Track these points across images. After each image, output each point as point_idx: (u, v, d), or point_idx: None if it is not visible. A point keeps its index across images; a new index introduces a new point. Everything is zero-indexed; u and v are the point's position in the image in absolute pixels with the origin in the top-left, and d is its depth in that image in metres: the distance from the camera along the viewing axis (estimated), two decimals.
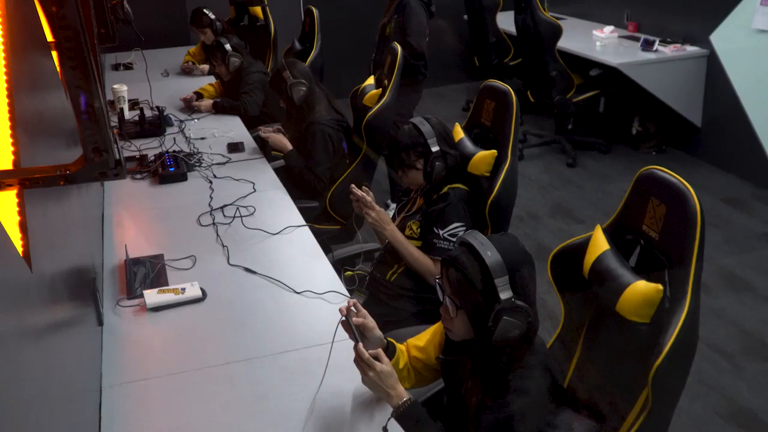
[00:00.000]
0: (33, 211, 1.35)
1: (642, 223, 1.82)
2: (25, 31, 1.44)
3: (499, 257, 1.66)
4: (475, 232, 1.75)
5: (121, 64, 5.53)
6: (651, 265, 1.78)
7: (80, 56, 0.97)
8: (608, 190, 5.16)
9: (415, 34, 4.39)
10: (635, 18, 6.04)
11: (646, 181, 1.83)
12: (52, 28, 0.90)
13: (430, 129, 2.61)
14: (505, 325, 1.65)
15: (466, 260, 1.70)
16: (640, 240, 1.84)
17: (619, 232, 1.92)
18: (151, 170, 3.38)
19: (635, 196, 1.87)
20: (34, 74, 1.52)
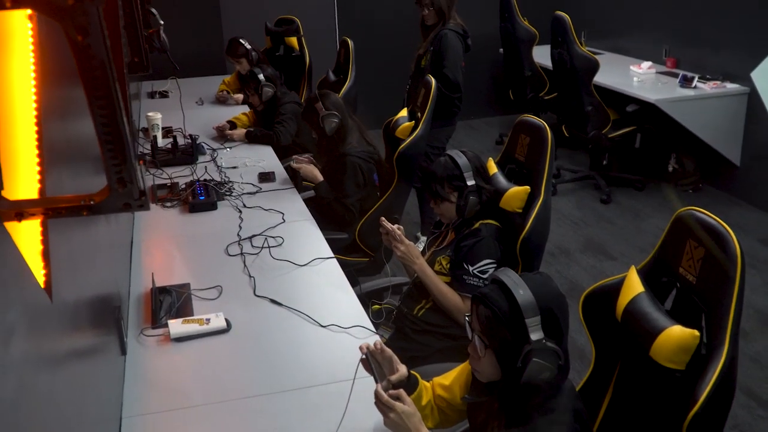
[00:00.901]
0: (57, 240, 1.34)
1: (679, 266, 1.76)
2: (56, 59, 1.44)
3: (531, 296, 1.61)
4: (507, 270, 1.70)
5: (157, 92, 5.59)
6: (687, 309, 1.72)
7: (105, 87, 0.95)
8: (643, 228, 5.07)
9: (452, 66, 4.38)
10: (674, 54, 5.98)
11: (683, 223, 1.77)
12: (77, 58, 0.88)
13: (466, 162, 2.58)
14: (534, 367, 1.60)
15: (497, 298, 1.65)
16: (676, 283, 1.78)
17: (655, 274, 1.86)
18: (182, 198, 3.38)
19: (672, 237, 1.81)
20: (63, 102, 1.51)
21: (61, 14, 0.82)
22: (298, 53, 5.73)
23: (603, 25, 6.92)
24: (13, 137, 1.26)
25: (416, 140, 3.45)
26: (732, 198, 5.39)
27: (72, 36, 0.85)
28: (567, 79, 5.57)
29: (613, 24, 6.80)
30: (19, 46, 1.31)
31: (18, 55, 1.31)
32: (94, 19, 0.84)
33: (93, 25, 0.85)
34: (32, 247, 1.23)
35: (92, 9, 0.83)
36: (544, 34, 6.09)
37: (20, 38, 1.32)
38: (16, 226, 1.13)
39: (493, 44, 6.90)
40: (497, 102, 7.69)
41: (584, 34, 6.86)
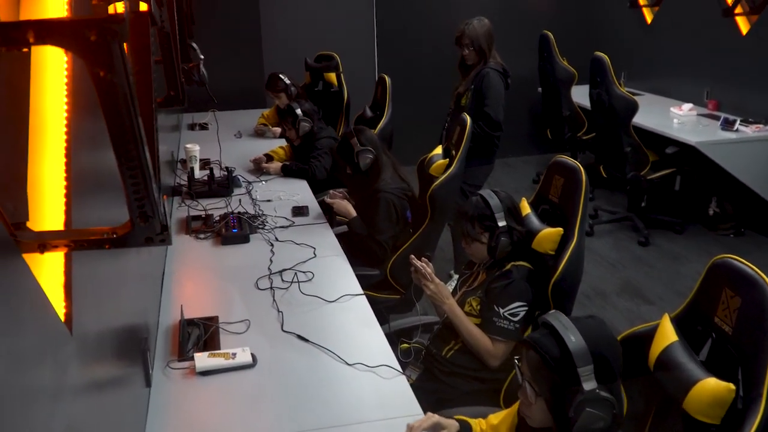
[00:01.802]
0: (82, 271, 1.34)
1: (714, 315, 1.70)
2: (89, 91, 1.45)
3: (583, 343, 1.56)
4: (558, 314, 1.66)
5: (197, 124, 5.67)
6: (723, 360, 1.66)
7: (128, 122, 0.95)
8: (681, 272, 4.96)
9: (494, 105, 4.37)
10: (715, 96, 5.90)
11: (719, 271, 1.72)
12: (99, 92, 0.89)
13: (498, 203, 2.56)
14: (587, 417, 1.55)
15: (547, 344, 1.61)
16: (711, 333, 1.73)
17: (690, 322, 1.81)
18: (215, 230, 3.40)
19: (708, 285, 1.76)
20: (94, 132, 1.53)
21: (83, 50, 0.82)
22: (337, 89, 5.77)
23: (643, 66, 6.86)
24: (42, 168, 1.28)
25: (450, 178, 3.44)
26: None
27: (94, 71, 0.85)
28: (606, 119, 5.52)
29: (654, 65, 6.74)
30: (53, 78, 1.33)
31: (52, 87, 1.32)
32: (116, 54, 0.85)
33: (115, 61, 0.85)
34: (55, 279, 1.23)
35: (114, 45, 0.83)
36: (583, 73, 6.06)
37: (55, 70, 1.34)
38: (38, 257, 1.13)
39: (532, 83, 6.89)
40: (535, 141, 7.66)
41: (624, 74, 6.81)
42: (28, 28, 0.80)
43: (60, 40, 0.82)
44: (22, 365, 0.99)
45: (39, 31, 0.80)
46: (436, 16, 7.17)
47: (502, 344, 2.50)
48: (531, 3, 7.42)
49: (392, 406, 2.09)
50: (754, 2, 5.38)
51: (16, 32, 0.80)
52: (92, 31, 0.80)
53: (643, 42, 6.85)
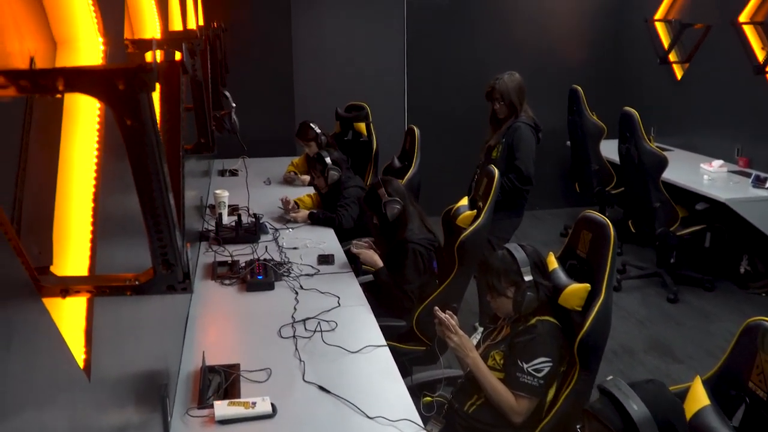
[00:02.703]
0: (103, 316, 1.34)
1: (748, 380, 1.65)
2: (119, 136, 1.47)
3: (645, 411, 1.53)
4: (618, 381, 1.63)
5: (228, 170, 5.72)
6: (758, 426, 1.61)
7: (153, 170, 0.96)
8: (711, 330, 4.86)
9: (525, 159, 4.37)
10: (746, 153, 5.85)
11: (753, 333, 1.68)
12: (126, 140, 0.89)
13: (524, 257, 2.53)
14: None
15: (609, 414, 1.58)
16: (745, 397, 1.67)
17: (722, 386, 1.76)
18: (240, 277, 3.40)
19: (741, 348, 1.72)
20: (122, 177, 1.54)
21: (111, 99, 0.83)
22: (366, 139, 5.81)
23: (673, 122, 6.84)
24: (69, 212, 1.29)
25: (478, 229, 3.42)
26: None
27: (121, 119, 0.85)
28: (635, 174, 5.49)
29: (684, 121, 6.72)
30: (85, 122, 1.35)
31: (83, 131, 1.34)
32: (143, 104, 0.85)
33: (142, 110, 0.86)
34: (75, 324, 1.23)
35: (142, 95, 0.84)
36: (612, 128, 6.06)
37: (88, 114, 1.36)
38: (60, 302, 1.13)
39: (561, 136, 6.90)
40: (563, 194, 7.62)
41: (654, 129, 6.79)
42: (58, 76, 0.81)
43: (88, 89, 0.83)
44: (39, 412, 0.98)
45: (68, 79, 0.81)
46: (466, 69, 7.23)
47: (526, 400, 2.45)
48: (561, 58, 7.47)
49: None
50: None
51: (46, 80, 0.82)
52: (120, 81, 0.81)
53: (673, 98, 6.84)
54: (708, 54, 6.32)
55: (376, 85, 7.06)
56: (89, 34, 1.46)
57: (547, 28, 7.41)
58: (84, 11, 1.43)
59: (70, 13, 1.39)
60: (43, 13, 1.29)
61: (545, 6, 7.38)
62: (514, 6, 7.34)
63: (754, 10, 5.62)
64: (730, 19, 5.74)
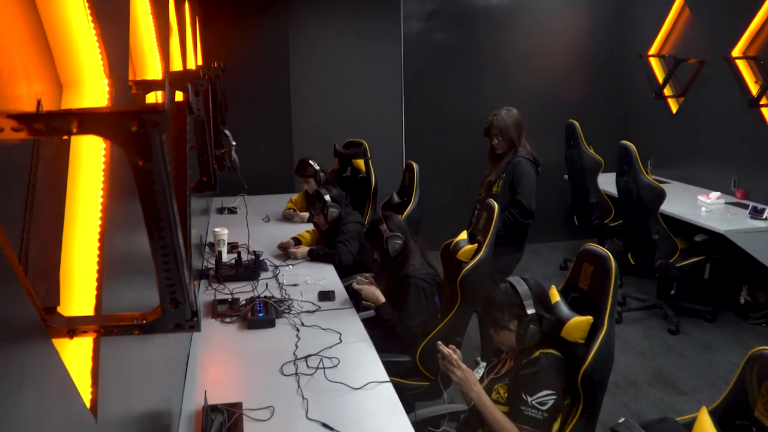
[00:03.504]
0: (110, 357, 1.34)
1: (755, 409, 1.65)
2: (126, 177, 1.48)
3: None
4: (630, 423, 1.62)
5: (226, 208, 5.74)
6: None
7: (164, 210, 0.97)
8: (713, 361, 4.85)
9: (526, 193, 4.40)
10: (743, 185, 5.88)
11: (758, 363, 1.68)
12: (138, 181, 0.90)
13: (527, 290, 2.54)
14: None
15: None
16: (752, 427, 1.67)
17: (729, 416, 1.75)
18: (241, 314, 3.39)
19: (746, 377, 1.71)
20: (128, 217, 1.55)
21: (123, 140, 0.84)
22: (365, 175, 5.84)
23: (670, 154, 6.89)
24: (76, 252, 1.29)
25: (479, 263, 3.42)
26: None
27: (133, 160, 0.86)
28: (633, 207, 5.51)
29: (680, 153, 6.77)
30: (90, 163, 1.36)
31: (88, 172, 1.35)
32: (155, 144, 0.86)
33: (155, 151, 0.87)
34: (82, 365, 1.23)
35: (155, 135, 0.85)
36: (610, 161, 6.09)
37: (93, 155, 1.37)
38: (67, 342, 1.13)
39: (559, 170, 6.93)
40: (562, 227, 7.64)
41: (650, 162, 6.84)
42: (72, 119, 0.82)
43: (102, 130, 0.84)
44: None
45: (82, 122, 0.82)
46: (464, 105, 7.30)
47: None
48: (558, 93, 7.54)
49: None
50: None
51: (60, 122, 0.83)
52: (133, 122, 0.82)
53: (669, 131, 6.89)
54: (702, 88, 6.39)
55: (375, 121, 7.11)
56: (95, 76, 1.48)
57: (544, 63, 7.49)
58: (90, 53, 1.45)
59: (76, 56, 1.41)
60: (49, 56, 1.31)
61: (542, 42, 7.46)
62: (512, 42, 7.42)
63: (747, 45, 5.69)
64: (723, 54, 5.81)
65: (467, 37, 7.34)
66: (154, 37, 2.45)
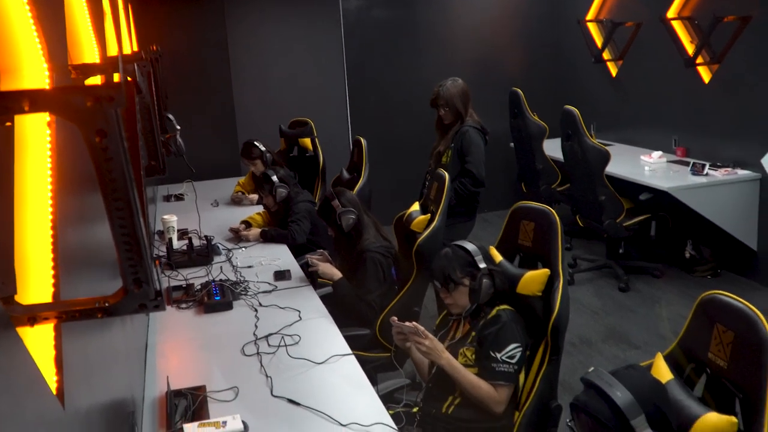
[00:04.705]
0: (71, 345, 1.32)
1: (708, 351, 1.71)
2: (75, 164, 1.45)
3: (630, 396, 1.57)
4: (599, 371, 1.66)
5: (173, 195, 5.66)
6: (720, 395, 1.66)
7: (122, 188, 0.95)
8: (663, 315, 5.00)
9: (476, 162, 4.43)
10: (683, 143, 6.03)
11: (709, 307, 1.74)
12: (95, 159, 0.88)
13: (475, 248, 2.62)
14: None
15: (596, 404, 1.61)
16: (706, 368, 1.73)
17: (682, 360, 1.81)
18: (197, 299, 3.36)
19: (698, 322, 1.77)
20: (81, 206, 1.52)
21: (79, 117, 0.82)
22: (312, 154, 5.81)
23: (611, 117, 7.01)
24: (28, 242, 1.26)
25: (434, 233, 3.45)
26: (752, 283, 5.32)
27: (89, 138, 0.85)
28: (579, 170, 5.60)
29: (622, 116, 6.89)
30: (36, 152, 1.33)
31: (34, 161, 1.32)
32: (112, 121, 0.85)
33: (111, 127, 0.85)
34: (44, 353, 1.20)
35: (111, 111, 0.84)
36: (554, 127, 6.17)
37: (38, 144, 1.34)
38: (27, 331, 1.11)
39: (504, 138, 7.00)
40: (510, 195, 7.71)
41: (593, 126, 6.95)
42: (24, 97, 0.80)
43: (55, 108, 0.82)
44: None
45: (34, 100, 0.80)
46: (408, 78, 7.30)
47: (505, 388, 2.50)
48: (500, 62, 7.60)
49: None
50: (714, 52, 5.54)
51: (11, 101, 0.81)
52: (88, 98, 0.81)
53: (610, 94, 7.01)
54: (640, 50, 6.50)
55: (319, 100, 7.08)
56: (34, 61, 1.44)
57: (485, 34, 7.54)
58: (28, 37, 1.41)
59: (14, 40, 1.37)
60: None
61: (482, 13, 7.50)
62: (452, 15, 7.44)
63: (681, 6, 5.81)
64: (659, 16, 5.92)
65: (407, 12, 7.33)
66: (89, 22, 2.38)
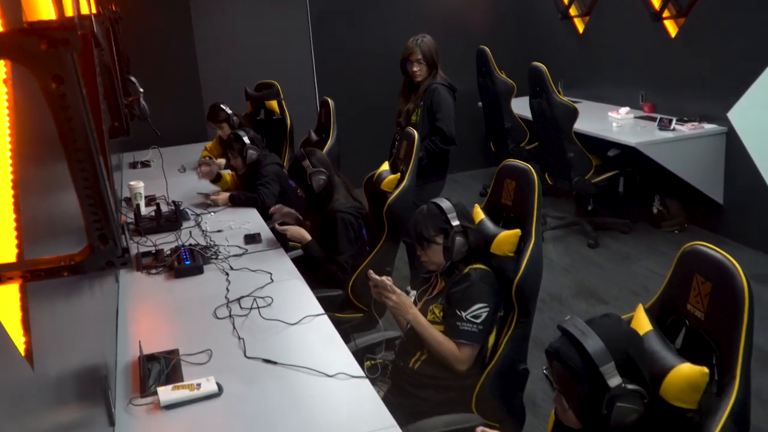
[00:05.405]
0: (38, 307, 1.29)
1: (686, 302, 1.72)
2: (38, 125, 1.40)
3: (601, 344, 1.58)
4: (575, 319, 1.67)
5: (139, 162, 5.57)
6: (698, 347, 1.67)
7: (83, 138, 0.92)
8: (632, 270, 5.05)
9: (446, 120, 4.39)
10: (650, 99, 6.05)
11: (689, 258, 1.75)
12: (52, 107, 0.85)
13: (450, 205, 2.60)
14: (619, 412, 1.57)
15: (568, 351, 1.62)
16: (685, 320, 1.74)
17: (663, 313, 1.82)
18: (167, 264, 3.32)
19: (679, 273, 1.78)
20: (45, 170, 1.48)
21: (33, 61, 0.78)
22: (279, 116, 5.74)
23: (579, 74, 7.01)
24: None
25: (404, 192, 3.43)
26: (719, 237, 5.38)
27: (45, 84, 0.81)
28: (548, 128, 5.61)
29: (589, 72, 6.89)
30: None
31: None
32: (68, 66, 0.81)
33: (68, 73, 0.82)
34: (11, 314, 1.17)
35: (66, 55, 0.80)
36: (522, 85, 6.16)
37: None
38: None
39: (472, 99, 6.96)
40: (479, 155, 7.74)
41: (561, 83, 6.95)
42: None
43: (6, 52, 0.78)
44: None
45: None
46: (372, 37, 7.22)
47: (467, 347, 2.49)
48: (466, 20, 7.54)
49: (365, 420, 2.06)
50: (680, 6, 5.54)
51: None
52: (42, 41, 0.77)
53: (577, 51, 7.00)
54: (606, 6, 6.49)
55: (284, 61, 6.98)
56: None
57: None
58: None
59: None
60: None
61: None
62: None
63: None
64: None
65: None
66: None
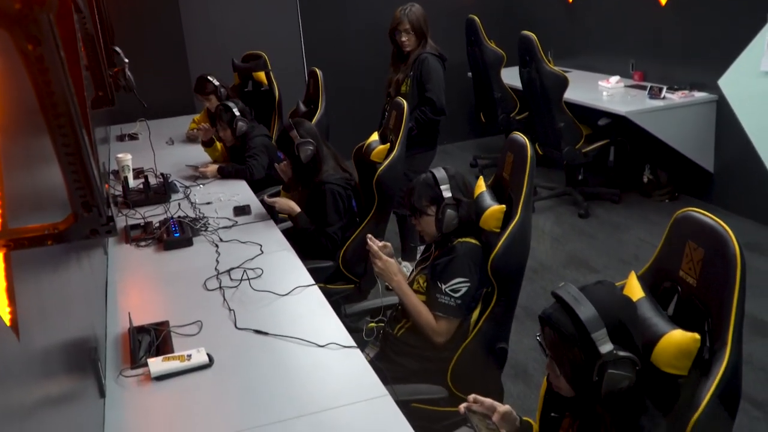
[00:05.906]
0: (24, 278, 1.27)
1: (679, 269, 1.71)
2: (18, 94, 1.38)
3: (593, 310, 1.57)
4: (568, 285, 1.66)
5: (126, 134, 5.52)
6: (690, 313, 1.67)
7: (63, 102, 0.89)
8: (622, 239, 5.06)
9: (436, 90, 4.36)
10: (640, 67, 6.02)
11: (682, 224, 1.74)
12: (30, 71, 0.83)
13: (444, 176, 2.57)
14: (611, 379, 1.56)
15: (560, 317, 1.61)
16: (677, 287, 1.73)
17: (656, 280, 1.81)
18: (156, 237, 3.30)
19: (671, 240, 1.77)
20: (28, 145, 1.45)
21: (8, 21, 0.76)
22: (267, 88, 5.69)
23: (568, 43, 6.97)
24: None
25: (394, 162, 3.41)
26: (709, 205, 5.39)
27: (22, 46, 0.79)
28: (538, 97, 5.58)
29: (579, 41, 6.86)
30: None
31: None
32: (45, 26, 0.79)
33: (44, 34, 0.79)
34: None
35: (42, 16, 0.78)
36: (511, 55, 6.12)
37: None
38: None
39: (461, 69, 6.91)
40: (469, 126, 7.70)
41: (551, 52, 6.90)
42: None
43: None
44: None
45: None
46: (361, 5, 7.15)
47: (444, 321, 2.49)
48: None
49: (356, 390, 2.06)
50: None
51: None
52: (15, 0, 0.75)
53: (567, 20, 6.96)
54: None
55: (272, 32, 6.91)
56: None
57: None
58: None
59: None
60: None
61: None
62: None
63: None
64: None
65: None
66: None
